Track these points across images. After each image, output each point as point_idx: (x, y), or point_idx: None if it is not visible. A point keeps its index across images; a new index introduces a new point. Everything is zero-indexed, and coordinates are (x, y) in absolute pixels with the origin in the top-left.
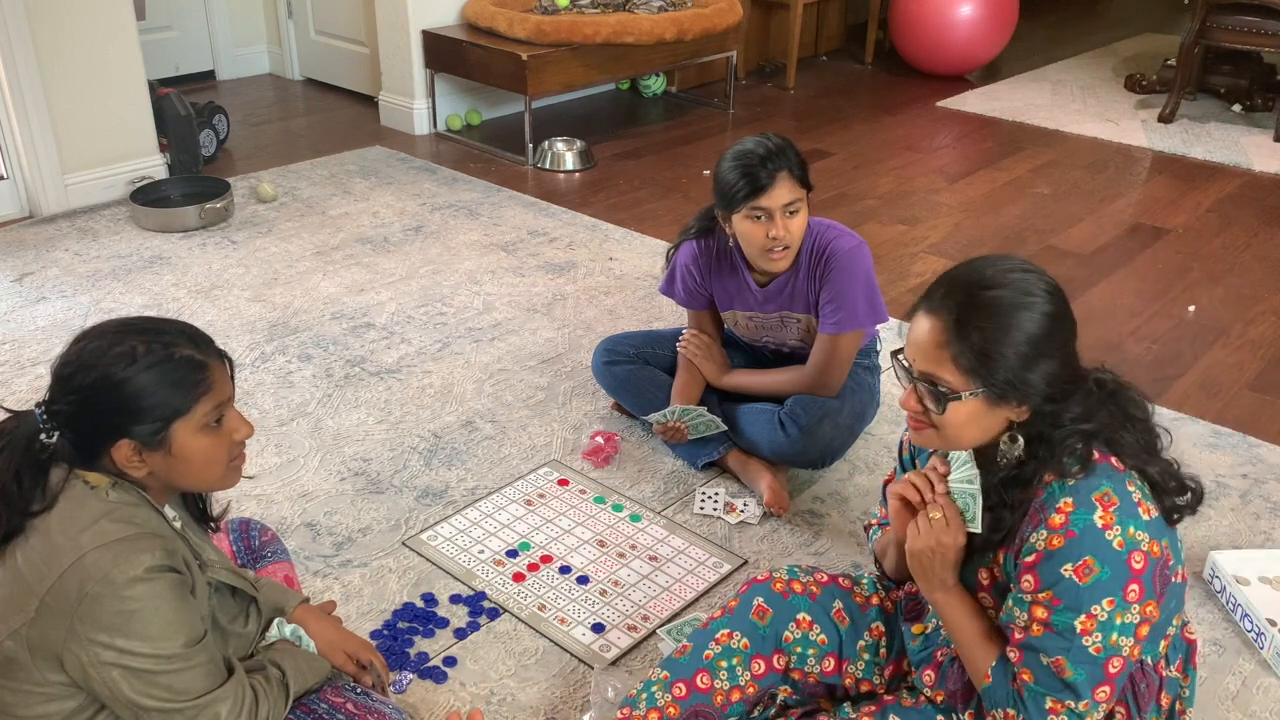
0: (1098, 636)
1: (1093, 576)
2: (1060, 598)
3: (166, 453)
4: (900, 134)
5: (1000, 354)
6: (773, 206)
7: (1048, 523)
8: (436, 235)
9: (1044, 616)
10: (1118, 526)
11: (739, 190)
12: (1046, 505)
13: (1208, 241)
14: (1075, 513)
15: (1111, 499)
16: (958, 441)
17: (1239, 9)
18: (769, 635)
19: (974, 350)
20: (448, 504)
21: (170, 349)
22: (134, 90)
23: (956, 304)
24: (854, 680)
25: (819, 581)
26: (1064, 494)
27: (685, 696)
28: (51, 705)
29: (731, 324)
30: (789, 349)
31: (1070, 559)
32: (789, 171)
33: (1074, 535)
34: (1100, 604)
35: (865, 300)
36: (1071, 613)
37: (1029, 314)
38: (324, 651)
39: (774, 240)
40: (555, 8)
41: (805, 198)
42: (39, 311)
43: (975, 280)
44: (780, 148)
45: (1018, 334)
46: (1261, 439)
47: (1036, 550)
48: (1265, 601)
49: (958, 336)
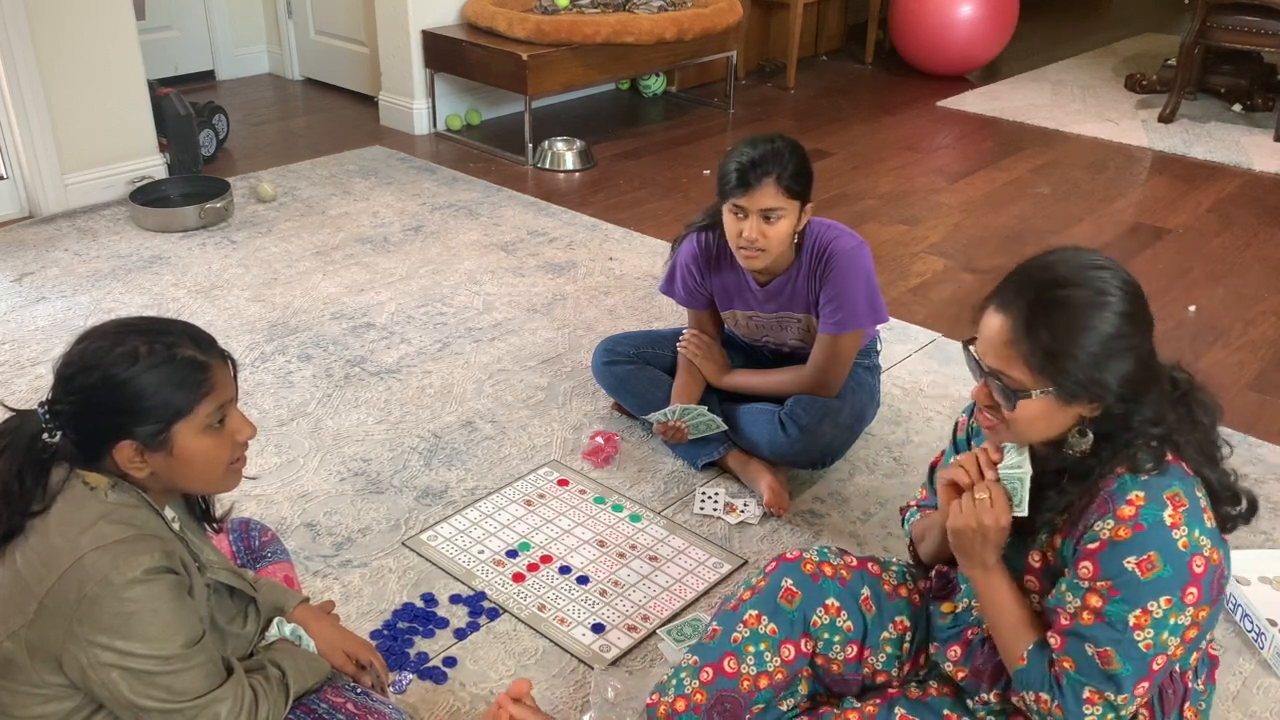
0: (1149, 633)
1: (1154, 573)
2: (1119, 589)
3: (168, 453)
4: (900, 134)
5: (1072, 354)
6: (751, 208)
7: (1116, 513)
8: (436, 235)
9: (1098, 605)
10: (1185, 528)
11: (727, 182)
12: (1116, 496)
13: (1208, 241)
14: (1146, 507)
15: (1182, 500)
16: (1026, 436)
17: (1239, 9)
18: (798, 619)
19: (1044, 350)
20: (448, 504)
21: (172, 349)
22: (134, 90)
23: (1027, 302)
24: (872, 670)
25: (849, 565)
26: (1136, 487)
27: (712, 681)
28: (49, 706)
29: (731, 323)
30: (789, 349)
31: (1134, 552)
32: (776, 179)
33: (1142, 529)
34: (1158, 601)
35: (866, 300)
36: (1127, 606)
37: (1103, 314)
38: (324, 651)
39: (744, 239)
40: (555, 8)
41: (795, 208)
42: (39, 311)
43: (1049, 278)
44: (777, 153)
45: (1091, 335)
46: (1262, 439)
47: (1100, 539)
48: (1265, 601)
49: (1028, 336)
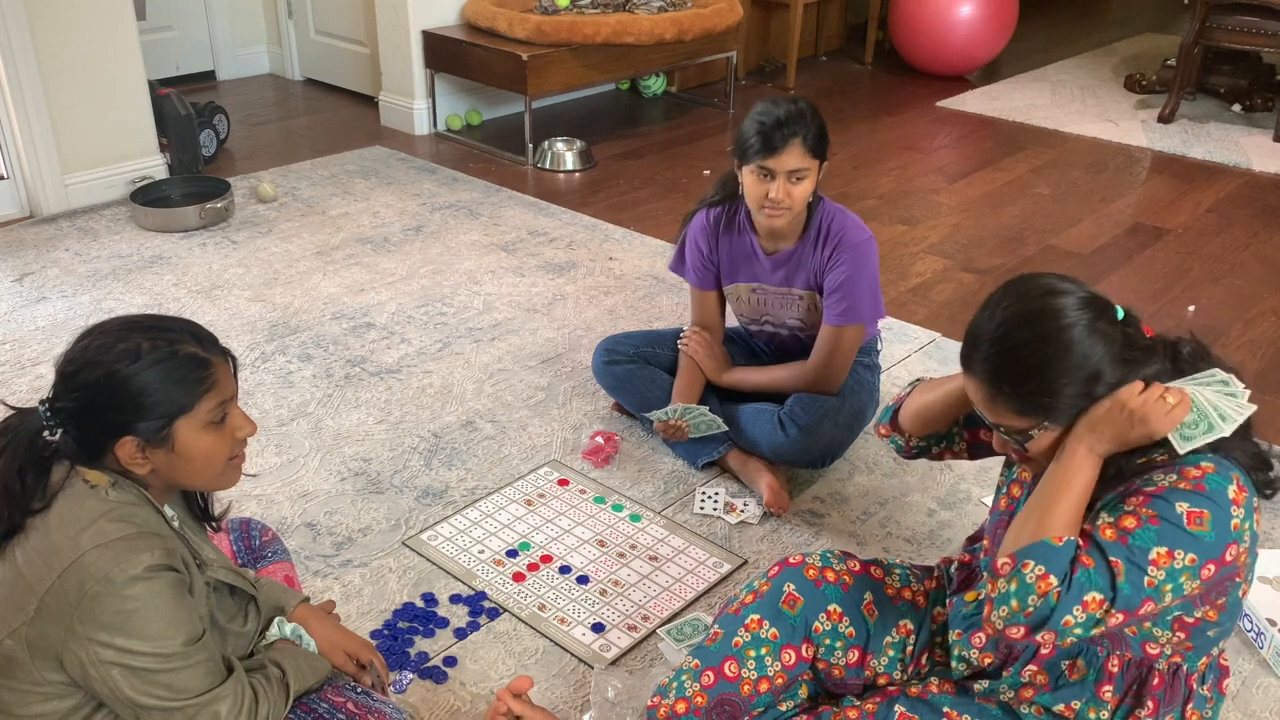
0: (1160, 575)
1: (1198, 530)
2: (1159, 521)
3: (169, 450)
4: (900, 134)
5: (1047, 390)
6: (778, 170)
7: (1181, 470)
8: (436, 235)
9: (1131, 526)
10: (1243, 511)
11: (751, 146)
12: (1185, 464)
13: (1207, 241)
14: (1213, 475)
15: (1243, 489)
16: (1045, 460)
17: (1239, 9)
18: (799, 625)
19: (1021, 397)
20: (448, 504)
21: (174, 346)
22: (134, 90)
23: (987, 361)
24: (873, 673)
25: (852, 570)
26: (1205, 460)
27: (713, 685)
28: (49, 704)
29: (734, 302)
30: (786, 332)
31: (1190, 501)
32: (802, 140)
33: (1203, 490)
34: (1184, 553)
35: (870, 295)
36: (1157, 540)
37: (1059, 341)
38: (324, 651)
39: (771, 200)
40: (555, 8)
41: (816, 167)
42: (39, 311)
43: (997, 331)
44: (801, 114)
45: (1056, 366)
46: (1261, 439)
47: (1158, 484)
48: (1265, 601)
49: (1000, 392)
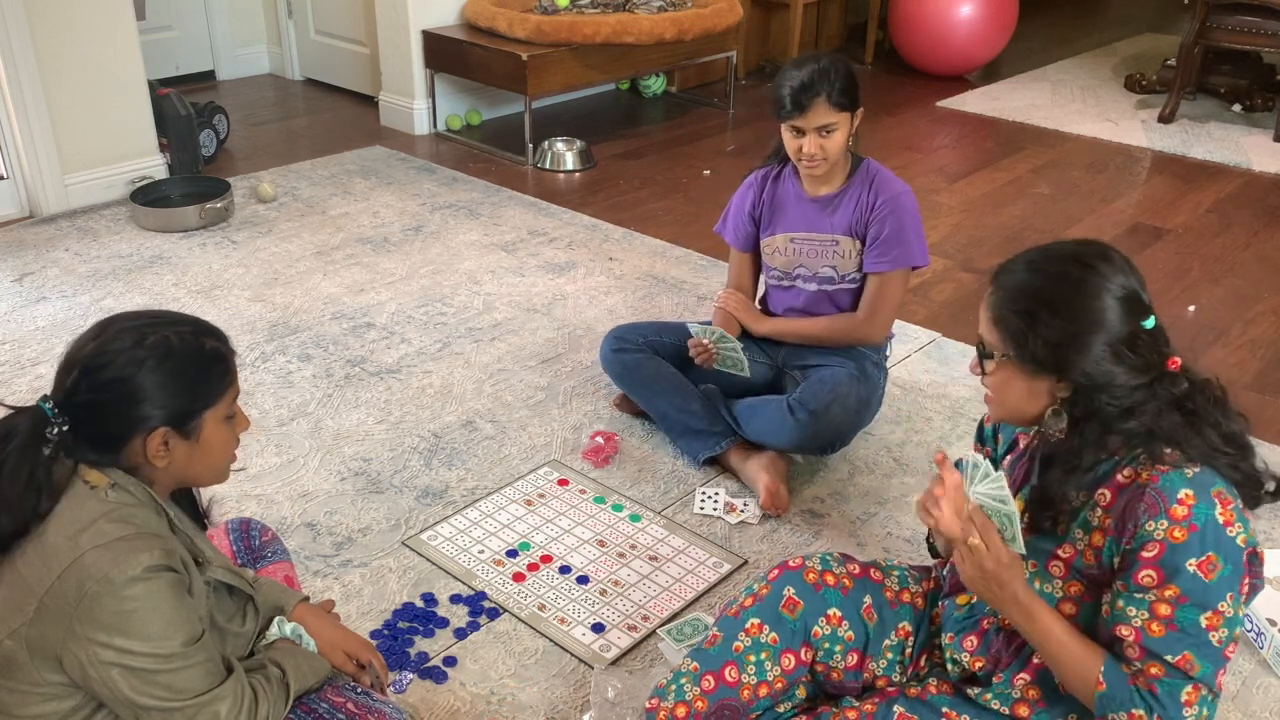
0: (1223, 632)
1: (1217, 573)
2: (1187, 595)
3: (194, 441)
4: (900, 134)
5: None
6: (807, 127)
7: (1169, 513)
8: (436, 235)
9: (1168, 614)
10: (1239, 524)
11: (781, 106)
12: (1165, 494)
13: (1207, 241)
14: (1197, 506)
15: (1228, 497)
16: (1002, 407)
17: (1239, 9)
18: (799, 629)
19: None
20: (448, 504)
21: (199, 339)
22: (134, 90)
23: (1015, 268)
24: (872, 675)
25: (851, 574)
26: (1184, 485)
27: (713, 690)
28: (49, 705)
29: (770, 255)
30: (815, 287)
31: (1194, 554)
32: (827, 97)
33: (1196, 529)
34: (1225, 599)
35: (917, 237)
36: (1198, 609)
37: (1075, 294)
38: (324, 651)
39: (805, 154)
40: (555, 8)
41: (847, 118)
42: (39, 311)
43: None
44: (824, 72)
45: (1054, 306)
46: (1261, 439)
47: (1157, 541)
48: (1265, 601)
49: (996, 297)
